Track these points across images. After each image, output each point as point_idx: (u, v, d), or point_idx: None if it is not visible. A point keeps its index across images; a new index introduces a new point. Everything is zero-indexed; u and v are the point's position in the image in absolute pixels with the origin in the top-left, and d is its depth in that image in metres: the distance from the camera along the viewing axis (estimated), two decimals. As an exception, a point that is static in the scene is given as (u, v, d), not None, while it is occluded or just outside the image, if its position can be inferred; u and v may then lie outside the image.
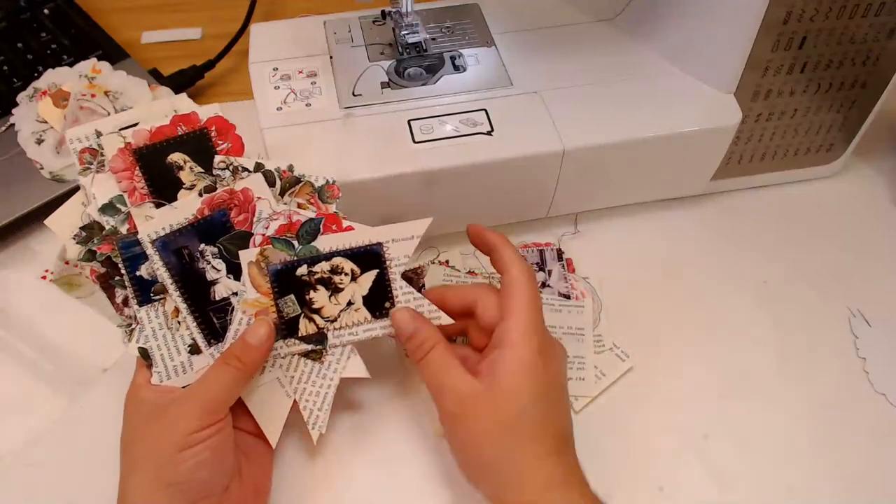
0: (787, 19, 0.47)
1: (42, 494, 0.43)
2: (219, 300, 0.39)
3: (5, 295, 0.51)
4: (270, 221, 0.40)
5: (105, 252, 0.39)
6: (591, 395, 0.47)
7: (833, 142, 0.56)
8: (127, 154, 0.40)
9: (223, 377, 0.37)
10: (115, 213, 0.40)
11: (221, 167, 0.41)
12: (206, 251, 0.39)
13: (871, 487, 0.44)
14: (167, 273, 0.39)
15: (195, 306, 0.39)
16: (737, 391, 0.47)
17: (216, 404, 0.37)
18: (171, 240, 0.39)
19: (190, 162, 0.41)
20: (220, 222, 0.40)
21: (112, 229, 0.40)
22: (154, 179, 0.40)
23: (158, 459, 0.35)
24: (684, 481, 0.44)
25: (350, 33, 0.54)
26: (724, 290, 0.52)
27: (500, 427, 0.37)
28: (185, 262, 0.39)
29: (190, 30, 0.69)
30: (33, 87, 0.58)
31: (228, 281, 0.40)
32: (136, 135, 0.41)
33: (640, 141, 0.49)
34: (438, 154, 0.47)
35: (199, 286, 0.39)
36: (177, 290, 0.39)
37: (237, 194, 0.40)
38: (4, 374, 0.47)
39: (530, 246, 0.54)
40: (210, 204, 0.40)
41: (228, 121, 0.42)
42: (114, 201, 0.40)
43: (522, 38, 0.54)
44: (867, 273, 0.53)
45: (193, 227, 0.39)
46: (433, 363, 0.39)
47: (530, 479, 0.36)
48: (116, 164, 0.40)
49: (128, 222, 0.40)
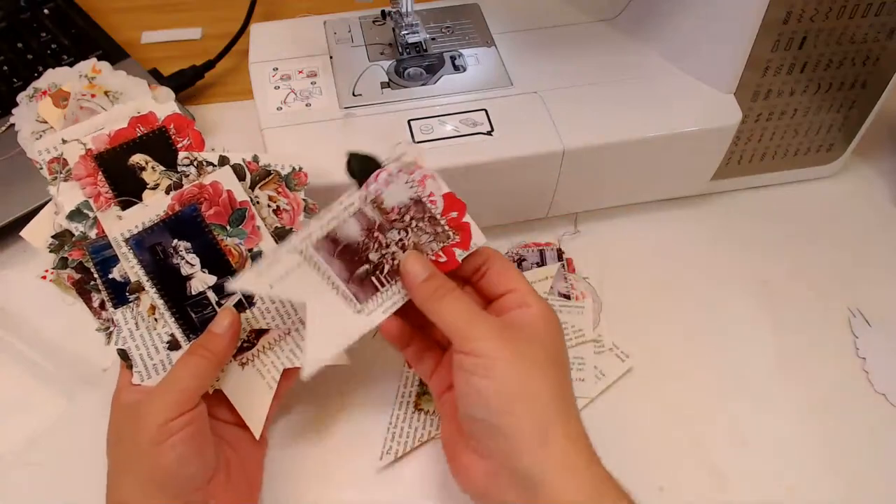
0: (787, 19, 0.47)
1: (42, 494, 0.43)
2: (195, 294, 0.40)
3: (5, 295, 0.51)
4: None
5: (76, 258, 0.40)
6: (590, 395, 0.47)
7: (833, 142, 0.56)
8: (88, 160, 0.41)
9: (189, 367, 0.37)
10: (82, 218, 0.40)
11: (186, 163, 0.41)
12: (180, 246, 0.40)
13: (871, 487, 0.44)
14: (142, 271, 0.39)
15: (172, 302, 0.39)
16: (737, 391, 0.47)
17: (185, 394, 0.37)
18: (144, 237, 0.39)
19: (152, 162, 0.41)
20: (191, 217, 0.40)
21: (81, 235, 0.40)
22: (118, 183, 0.41)
23: (141, 458, 0.35)
24: (684, 481, 0.44)
25: (350, 33, 0.54)
26: (724, 290, 0.52)
27: (530, 366, 0.35)
28: (160, 259, 0.39)
29: (190, 30, 0.69)
30: (33, 87, 0.58)
31: (203, 275, 0.40)
32: (95, 140, 0.41)
33: (640, 141, 0.49)
34: (438, 154, 0.47)
35: (175, 282, 0.39)
36: (153, 286, 0.39)
37: (206, 188, 0.40)
38: (4, 374, 0.47)
39: (530, 246, 0.54)
40: (180, 199, 0.40)
41: (186, 117, 0.42)
42: (80, 207, 0.40)
43: (522, 38, 0.54)
44: (867, 273, 0.53)
45: (165, 223, 0.39)
46: (455, 301, 0.37)
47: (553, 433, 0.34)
48: (79, 172, 0.40)
49: (96, 227, 0.40)
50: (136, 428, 0.36)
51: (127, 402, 0.38)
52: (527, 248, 0.54)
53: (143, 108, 0.43)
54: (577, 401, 0.46)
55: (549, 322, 0.37)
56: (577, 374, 0.47)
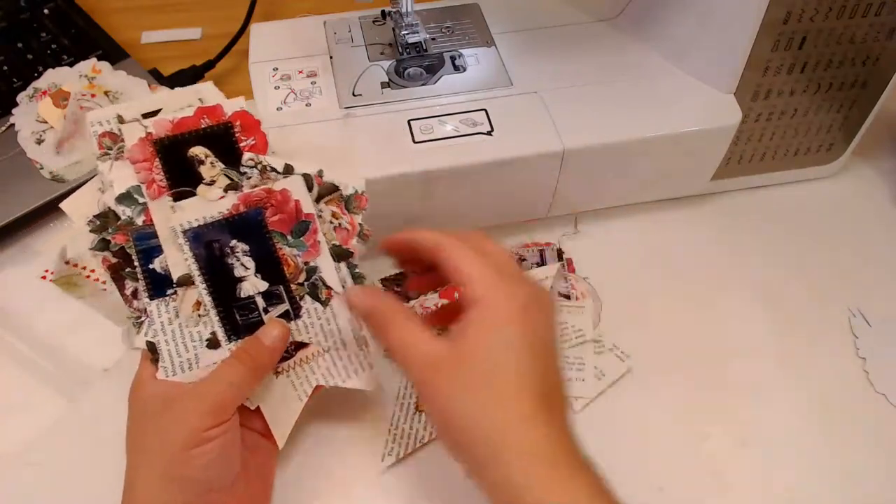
0: (787, 19, 0.47)
1: (42, 494, 0.43)
2: (243, 297, 0.39)
3: (5, 295, 0.51)
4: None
5: (119, 243, 0.39)
6: (590, 395, 0.47)
7: (833, 142, 0.56)
8: (147, 144, 0.39)
9: (234, 375, 0.37)
10: (132, 203, 0.39)
11: (250, 165, 0.40)
12: (238, 248, 0.39)
13: (871, 487, 0.44)
14: (196, 265, 0.38)
15: (219, 300, 0.39)
16: (737, 391, 0.47)
17: (225, 403, 0.36)
18: (203, 232, 0.38)
19: (211, 157, 0.40)
20: (255, 220, 0.39)
21: (128, 220, 0.39)
22: (173, 172, 0.39)
23: (166, 455, 0.35)
24: (684, 481, 0.44)
25: (350, 33, 0.54)
26: (724, 290, 0.52)
27: (474, 384, 0.32)
28: (215, 257, 0.39)
29: (190, 30, 0.69)
30: (33, 87, 0.58)
31: (256, 280, 0.39)
32: (157, 125, 0.40)
33: (640, 141, 0.49)
34: (438, 154, 0.47)
35: (225, 281, 0.39)
36: (203, 281, 0.38)
37: (275, 194, 0.39)
38: (4, 374, 0.47)
39: (530, 246, 0.54)
40: (246, 200, 0.39)
41: (254, 116, 0.41)
42: (131, 191, 0.39)
43: (522, 38, 0.54)
44: (867, 273, 0.53)
45: (227, 221, 0.39)
46: (396, 330, 0.35)
47: (511, 445, 0.31)
48: (135, 154, 0.39)
49: (144, 214, 0.39)
50: (169, 427, 0.36)
51: (149, 396, 0.38)
52: (527, 248, 0.54)
53: (207, 98, 0.41)
54: (578, 401, 0.46)
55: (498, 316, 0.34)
56: (576, 374, 0.47)
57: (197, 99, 0.41)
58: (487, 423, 0.32)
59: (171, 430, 0.36)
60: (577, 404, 0.46)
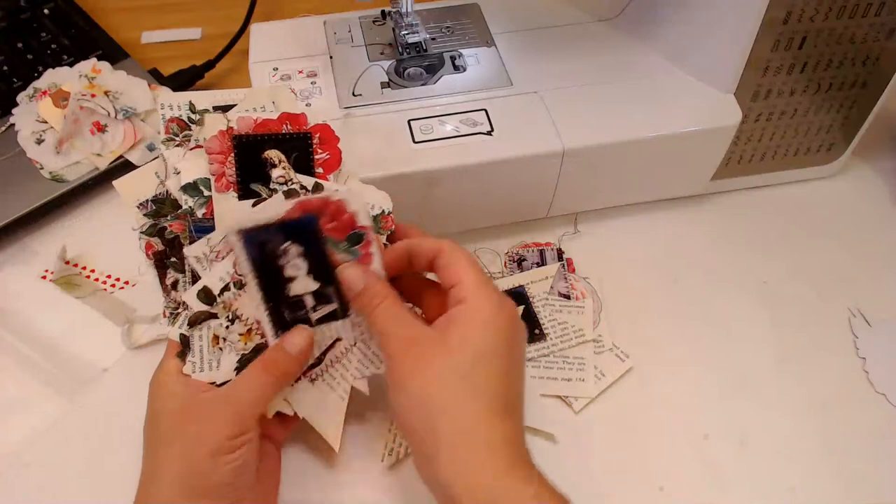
0: (787, 19, 0.47)
1: (42, 494, 0.43)
2: (292, 296, 0.39)
3: (5, 295, 0.51)
4: None
5: (175, 231, 0.38)
6: (590, 395, 0.46)
7: (833, 142, 0.56)
8: (226, 138, 0.39)
9: (259, 383, 0.37)
10: (196, 194, 0.39)
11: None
12: (291, 250, 0.39)
13: (871, 487, 0.44)
14: (248, 264, 0.38)
15: (269, 297, 0.39)
16: (737, 391, 0.47)
17: (250, 411, 0.37)
18: (258, 234, 0.38)
19: (284, 162, 0.40)
20: (310, 225, 0.39)
21: (188, 209, 0.39)
22: (245, 170, 0.39)
23: (189, 463, 0.35)
24: (684, 481, 0.44)
25: (350, 33, 0.54)
26: (724, 290, 0.52)
27: (453, 374, 0.34)
28: (267, 256, 0.38)
29: (190, 30, 0.69)
30: (33, 87, 0.58)
31: (307, 280, 0.39)
32: (242, 122, 0.40)
33: (640, 141, 0.49)
34: (438, 154, 0.47)
35: (275, 280, 0.39)
36: (255, 278, 0.38)
37: (331, 205, 0.39)
38: (4, 374, 0.47)
39: (530, 246, 0.54)
40: (303, 207, 0.39)
41: (335, 132, 0.41)
42: (198, 182, 0.39)
43: (522, 38, 0.54)
44: (867, 273, 0.53)
45: (282, 225, 0.38)
46: (383, 312, 0.37)
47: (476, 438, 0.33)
48: (213, 146, 0.39)
49: (206, 206, 0.39)
50: (195, 435, 0.36)
51: (175, 393, 0.38)
52: (527, 248, 0.54)
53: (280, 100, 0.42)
54: (578, 401, 0.46)
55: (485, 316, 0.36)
56: (577, 373, 0.47)
57: (271, 100, 0.42)
58: (464, 412, 0.34)
59: (197, 439, 0.36)
60: (577, 404, 0.46)
